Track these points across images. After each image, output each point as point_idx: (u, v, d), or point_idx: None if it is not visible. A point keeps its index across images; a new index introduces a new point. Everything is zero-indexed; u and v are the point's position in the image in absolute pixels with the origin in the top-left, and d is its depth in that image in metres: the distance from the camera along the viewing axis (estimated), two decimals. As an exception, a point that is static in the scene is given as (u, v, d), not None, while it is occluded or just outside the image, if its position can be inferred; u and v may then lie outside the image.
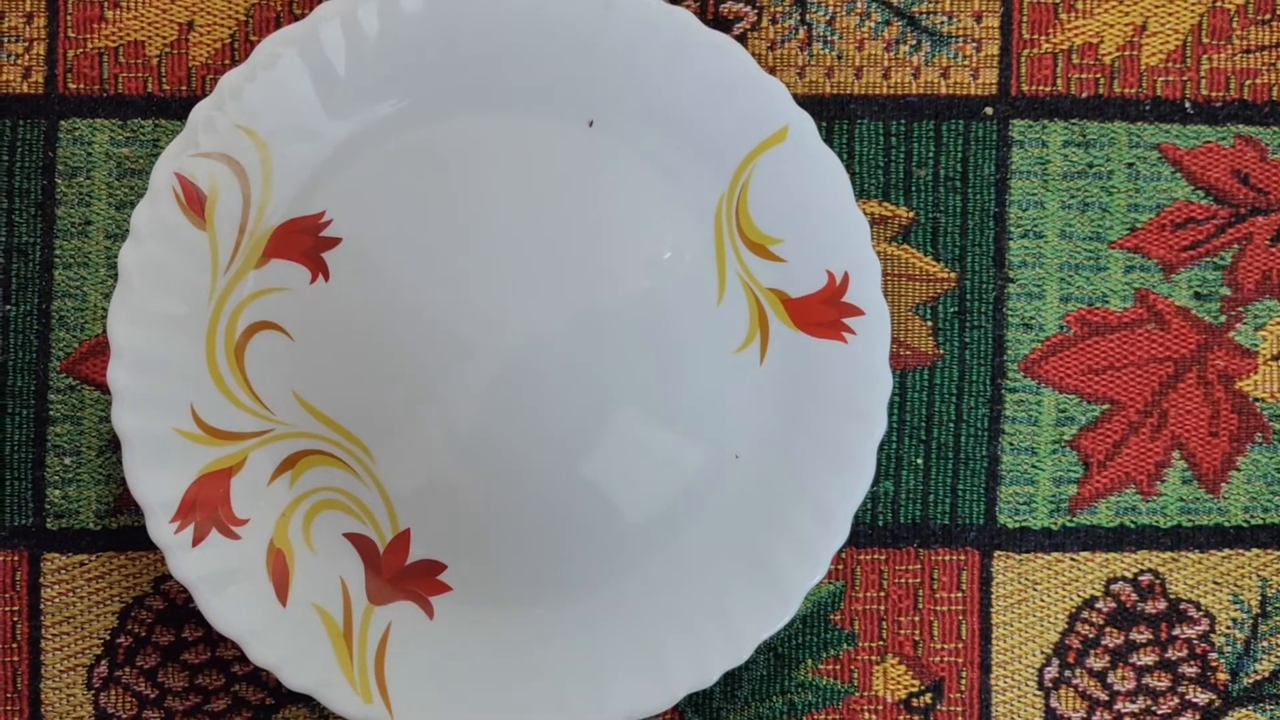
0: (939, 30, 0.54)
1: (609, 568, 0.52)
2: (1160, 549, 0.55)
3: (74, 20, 0.53)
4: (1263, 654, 0.55)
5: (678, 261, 0.52)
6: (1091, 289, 0.54)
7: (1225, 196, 0.54)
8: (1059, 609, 0.54)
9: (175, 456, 0.50)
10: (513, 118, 0.51)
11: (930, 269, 0.54)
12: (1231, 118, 0.54)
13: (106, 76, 0.53)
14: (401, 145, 0.51)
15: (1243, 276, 0.54)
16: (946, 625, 0.54)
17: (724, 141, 0.51)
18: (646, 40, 0.50)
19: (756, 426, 0.52)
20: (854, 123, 0.54)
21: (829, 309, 0.51)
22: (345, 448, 0.51)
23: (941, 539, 0.54)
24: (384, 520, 0.52)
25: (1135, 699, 0.55)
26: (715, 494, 0.52)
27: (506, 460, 0.52)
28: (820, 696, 0.54)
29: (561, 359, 0.52)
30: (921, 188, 0.54)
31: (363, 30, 0.50)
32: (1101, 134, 0.54)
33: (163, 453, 0.49)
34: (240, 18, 0.53)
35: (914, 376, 0.54)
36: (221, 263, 0.51)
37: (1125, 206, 0.54)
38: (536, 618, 0.52)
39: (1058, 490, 0.54)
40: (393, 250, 0.51)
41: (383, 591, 0.52)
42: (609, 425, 0.52)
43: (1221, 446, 0.55)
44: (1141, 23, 0.54)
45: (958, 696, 0.54)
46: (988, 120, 0.54)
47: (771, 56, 0.54)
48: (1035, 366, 0.54)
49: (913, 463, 0.54)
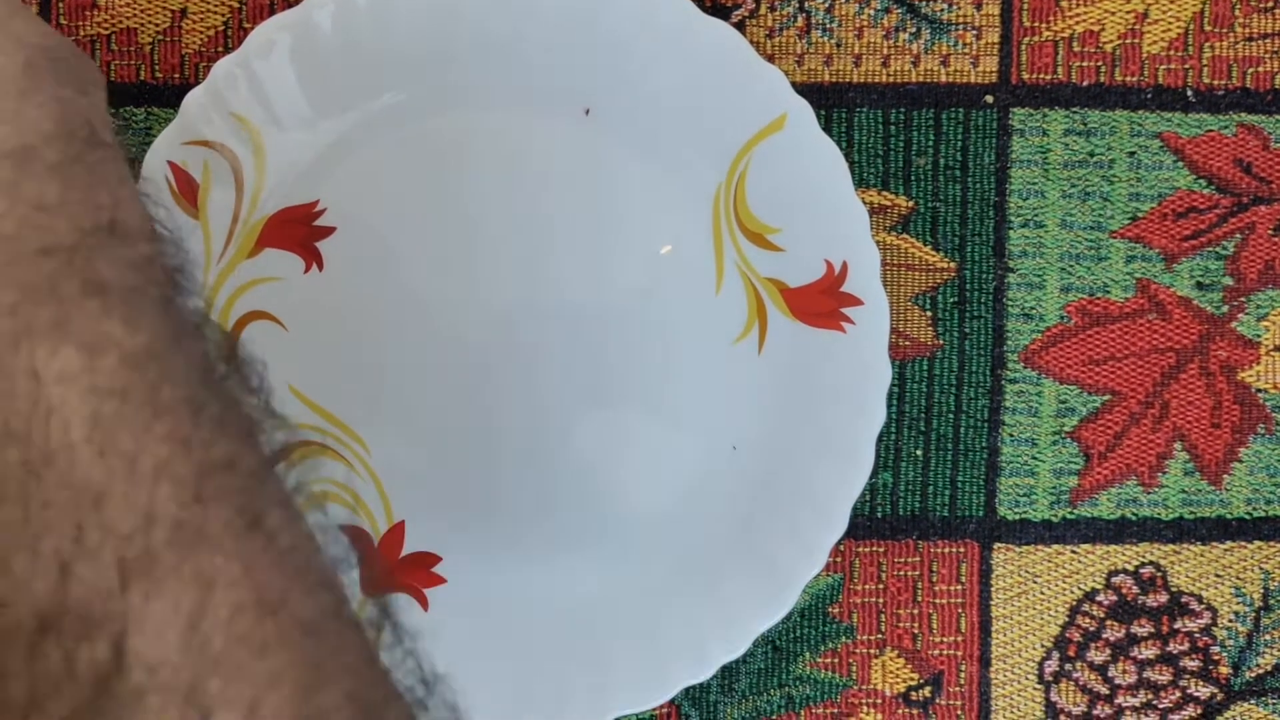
0: (939, 18, 0.54)
1: (605, 560, 0.52)
2: (1162, 541, 0.54)
3: (66, 8, 0.53)
4: (1265, 647, 0.54)
5: (675, 251, 0.52)
6: (1092, 279, 0.54)
7: (1227, 186, 0.54)
8: (1059, 602, 0.54)
9: (168, 447, 0.49)
10: (509, 107, 0.51)
11: (930, 259, 0.54)
12: (1234, 106, 0.54)
13: (99, 64, 0.53)
14: (396, 134, 0.51)
15: (1245, 266, 0.54)
16: (946, 618, 0.54)
17: (722, 129, 0.51)
18: (644, 27, 0.50)
19: (754, 417, 0.52)
20: (853, 111, 0.53)
21: (828, 299, 0.51)
22: (340, 439, 0.51)
23: (941, 531, 0.54)
24: (378, 512, 0.51)
25: (1136, 692, 0.54)
26: (713, 485, 0.52)
27: (502, 452, 0.52)
28: (819, 690, 0.54)
29: (558, 349, 0.51)
30: (921, 177, 0.54)
31: (357, 16, 0.49)
32: (1103, 122, 0.54)
33: (155, 444, 0.49)
34: (233, 4, 0.53)
35: (913, 367, 0.54)
36: (214, 252, 0.50)
37: (1126, 196, 0.54)
38: (532, 610, 0.52)
39: (1058, 482, 0.54)
40: (387, 240, 0.51)
41: (377, 584, 0.51)
42: (606, 416, 0.52)
43: (1224, 438, 0.54)
44: (1143, 10, 0.54)
45: (957, 690, 0.54)
46: (988, 109, 0.54)
47: (770, 44, 0.53)
48: (1035, 357, 0.54)
49: (912, 454, 0.54)
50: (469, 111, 0.51)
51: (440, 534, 0.52)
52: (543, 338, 0.51)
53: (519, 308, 0.51)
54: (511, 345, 0.51)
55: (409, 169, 0.51)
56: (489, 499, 0.52)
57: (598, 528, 0.52)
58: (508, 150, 0.51)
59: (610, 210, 0.52)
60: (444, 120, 0.51)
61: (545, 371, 0.51)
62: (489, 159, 0.51)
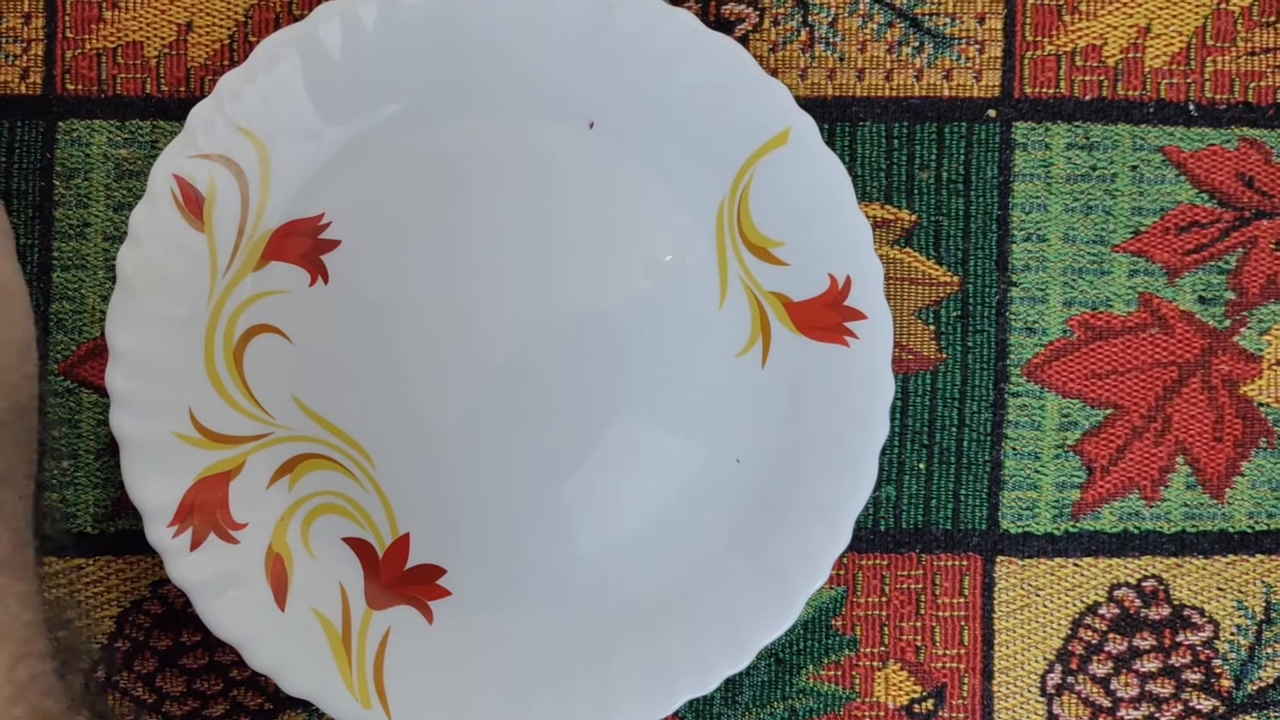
0: (942, 32, 0.54)
1: (609, 572, 0.52)
2: (1164, 555, 0.54)
3: (72, 21, 0.53)
4: (1267, 660, 0.55)
5: (679, 264, 0.52)
6: (1095, 293, 0.54)
7: (1229, 200, 0.54)
8: (1062, 615, 0.54)
9: (173, 460, 0.49)
10: (513, 120, 0.51)
11: (933, 272, 0.54)
12: (1236, 120, 0.54)
13: (105, 77, 0.53)
14: (402, 147, 0.51)
15: (1247, 280, 0.54)
16: (948, 631, 0.54)
17: (725, 144, 0.51)
18: (647, 42, 0.50)
19: (758, 430, 0.52)
20: (856, 125, 0.54)
21: (831, 313, 0.51)
22: (344, 451, 0.51)
23: (944, 544, 0.54)
24: (383, 525, 0.51)
25: (1139, 705, 0.54)
26: (716, 498, 0.52)
27: (506, 464, 0.52)
28: (821, 702, 0.54)
29: (562, 363, 0.51)
30: (924, 190, 0.54)
31: (363, 31, 0.49)
32: (1105, 136, 0.54)
33: (161, 456, 0.49)
34: (239, 18, 0.53)
35: (916, 381, 0.54)
36: (220, 265, 0.50)
37: (1129, 210, 0.54)
38: (536, 623, 0.52)
39: (1061, 495, 0.54)
40: (392, 253, 0.51)
41: (382, 596, 0.51)
42: (610, 429, 0.52)
43: (1226, 452, 0.54)
44: (1145, 25, 0.54)
45: (960, 703, 0.54)
46: (990, 123, 0.54)
47: (773, 58, 0.54)
48: (1038, 371, 0.54)
49: (915, 467, 0.54)
50: (471, 125, 0.51)
51: (445, 546, 0.52)
52: (546, 349, 0.52)
53: (522, 320, 0.51)
54: (514, 357, 0.51)
55: (413, 182, 0.51)
56: (493, 510, 0.52)
57: (602, 539, 0.52)
58: (511, 163, 0.51)
59: (613, 223, 0.52)
60: (449, 134, 0.51)
61: (549, 383, 0.52)
62: (492, 172, 0.51)
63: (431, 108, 0.51)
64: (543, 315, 0.51)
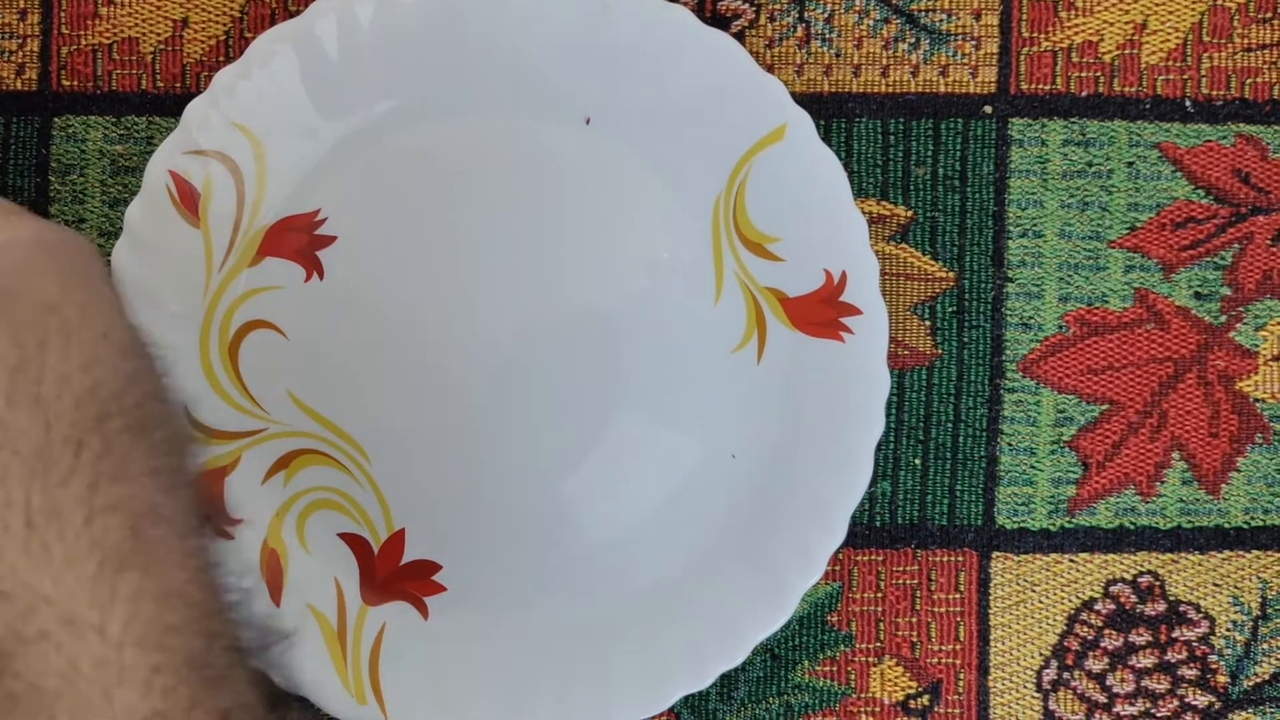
0: (938, 28, 0.54)
1: (605, 568, 0.52)
2: (1160, 550, 0.54)
3: (68, 17, 0.53)
4: (1263, 656, 0.55)
5: (675, 261, 0.52)
6: (1091, 289, 0.54)
7: (1226, 196, 0.54)
8: (1058, 610, 0.54)
9: (169, 456, 0.49)
10: (510, 116, 0.51)
11: (928, 268, 0.54)
12: (1232, 116, 0.54)
13: (100, 73, 0.53)
14: (398, 143, 0.51)
15: (1243, 276, 0.54)
16: (944, 627, 0.54)
17: (722, 140, 0.51)
18: (644, 38, 0.50)
19: (754, 426, 0.52)
20: (852, 121, 0.54)
21: (827, 308, 0.51)
22: (340, 447, 0.51)
23: (939, 540, 0.54)
24: (379, 520, 0.51)
25: (1134, 701, 0.54)
26: (712, 494, 0.52)
27: (502, 460, 0.52)
28: (817, 698, 0.54)
29: (558, 359, 0.51)
30: (920, 186, 0.54)
31: (358, 27, 0.49)
32: (1101, 133, 0.54)
33: (156, 452, 0.49)
34: (235, 14, 0.53)
35: (912, 376, 0.54)
36: (215, 261, 0.50)
37: (1125, 206, 0.54)
38: (532, 619, 0.52)
39: (1056, 491, 0.54)
40: (388, 249, 0.51)
41: (377, 592, 0.51)
42: (606, 425, 0.52)
43: (1221, 447, 0.54)
44: (1142, 21, 0.54)
45: (955, 698, 0.54)
46: (987, 119, 0.54)
47: (769, 54, 0.54)
48: (1034, 366, 0.54)
49: (910, 463, 0.54)
50: (468, 121, 0.51)
51: (441, 542, 0.52)
52: (541, 346, 0.52)
53: (517, 316, 0.51)
54: (509, 353, 0.51)
55: (409, 178, 0.51)
56: (489, 506, 0.52)
57: (598, 535, 0.52)
58: (508, 159, 0.51)
59: (610, 219, 0.52)
60: (445, 130, 0.51)
61: (544, 379, 0.52)
62: (488, 168, 0.51)
63: (428, 104, 0.51)
64: (538, 311, 0.51)
